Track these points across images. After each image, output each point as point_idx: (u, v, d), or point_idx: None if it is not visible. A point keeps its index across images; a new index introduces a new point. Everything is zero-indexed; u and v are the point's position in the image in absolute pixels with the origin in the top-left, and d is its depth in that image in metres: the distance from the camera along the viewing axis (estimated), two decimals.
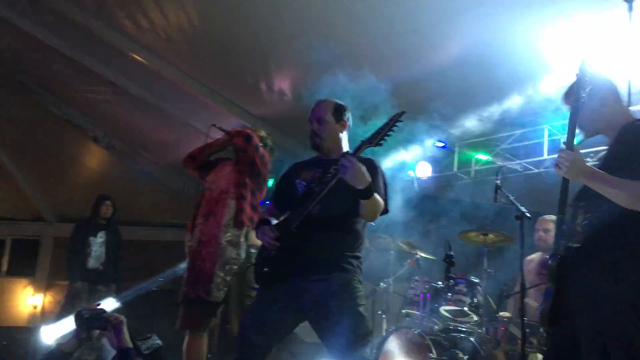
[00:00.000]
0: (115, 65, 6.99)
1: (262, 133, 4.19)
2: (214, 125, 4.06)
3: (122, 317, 2.74)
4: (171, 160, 9.12)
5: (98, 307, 2.84)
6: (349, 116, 3.05)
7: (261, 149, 3.90)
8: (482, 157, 6.49)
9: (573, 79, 2.40)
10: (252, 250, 3.91)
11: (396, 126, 2.63)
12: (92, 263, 6.40)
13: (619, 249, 2.22)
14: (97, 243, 6.50)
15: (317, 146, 3.00)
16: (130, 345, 2.70)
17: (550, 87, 5.17)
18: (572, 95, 2.36)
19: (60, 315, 6.06)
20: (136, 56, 6.55)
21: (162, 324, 4.66)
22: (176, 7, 5.69)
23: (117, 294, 6.22)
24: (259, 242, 3.17)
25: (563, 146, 2.29)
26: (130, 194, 9.34)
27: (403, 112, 2.65)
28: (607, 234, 2.23)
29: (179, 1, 5.63)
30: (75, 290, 6.26)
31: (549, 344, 2.51)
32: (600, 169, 2.29)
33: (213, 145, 4.06)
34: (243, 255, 3.81)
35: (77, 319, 2.77)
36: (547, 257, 2.59)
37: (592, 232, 2.27)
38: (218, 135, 4.07)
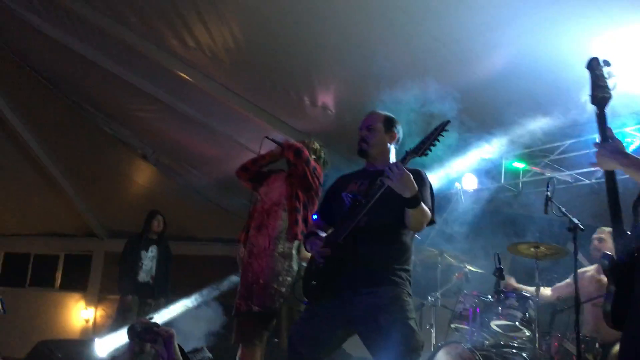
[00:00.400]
0: (162, 83, 7.16)
1: (316, 145, 4.19)
2: (266, 137, 4.11)
3: (173, 331, 2.78)
4: (217, 176, 9.24)
5: (151, 320, 2.88)
6: (399, 129, 3.06)
7: (312, 163, 3.90)
8: (519, 165, 6.37)
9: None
10: (304, 264, 3.92)
11: (442, 135, 2.61)
12: (142, 277, 6.54)
13: None
14: (148, 257, 6.64)
15: (363, 152, 3.01)
16: (180, 358, 2.73)
17: None
18: (594, 92, 2.32)
19: (112, 328, 6.20)
20: (182, 74, 6.70)
21: (216, 337, 4.70)
22: (221, 25, 5.81)
23: (166, 308, 6.33)
24: (309, 256, 3.18)
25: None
26: (178, 210, 9.50)
27: (448, 122, 2.64)
28: None
29: (224, 19, 5.75)
30: (127, 303, 6.40)
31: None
32: None
33: (266, 157, 4.09)
34: (295, 267, 3.80)
35: (129, 333, 2.82)
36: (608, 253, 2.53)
37: None
38: (270, 147, 4.11)
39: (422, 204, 2.67)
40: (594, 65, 2.35)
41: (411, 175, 2.59)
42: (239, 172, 4.15)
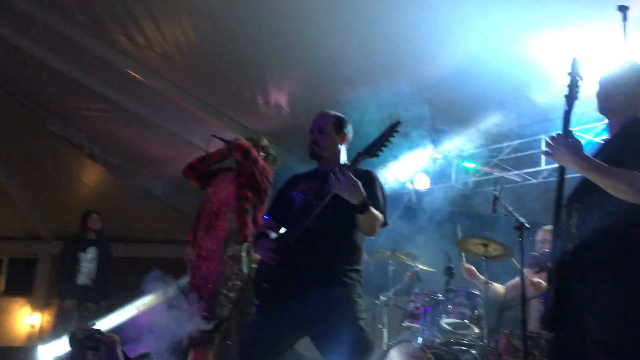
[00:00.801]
0: (111, 81, 6.99)
1: (265, 142, 4.14)
2: (213, 135, 4.04)
3: (116, 337, 2.70)
4: (169, 176, 9.09)
5: (93, 327, 2.80)
6: (349, 129, 3.05)
7: (261, 162, 3.85)
8: (469, 164, 6.51)
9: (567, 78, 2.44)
10: (254, 266, 3.86)
11: (392, 136, 2.62)
12: (81, 279, 6.30)
13: (616, 250, 2.21)
14: (87, 259, 6.41)
15: (316, 155, 2.99)
16: None
17: (546, 97, 5.19)
18: (570, 90, 2.39)
19: (53, 335, 5.99)
20: (132, 72, 6.55)
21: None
22: (172, 23, 5.70)
23: (107, 312, 6.13)
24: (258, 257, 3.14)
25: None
26: (128, 211, 9.30)
27: (399, 122, 2.65)
28: (602, 235, 2.21)
29: (175, 16, 5.64)
30: (65, 308, 6.17)
31: (551, 351, 2.49)
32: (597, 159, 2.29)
33: (213, 156, 4.02)
34: (245, 270, 3.75)
35: (71, 341, 2.73)
36: (534, 254, 2.59)
37: (588, 233, 2.25)
38: (218, 145, 4.04)
39: (372, 208, 2.66)
40: (576, 66, 2.43)
41: (358, 182, 2.57)
42: (186, 171, 4.06)
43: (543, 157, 5.88)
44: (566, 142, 2.21)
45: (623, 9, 4.08)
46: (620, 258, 2.20)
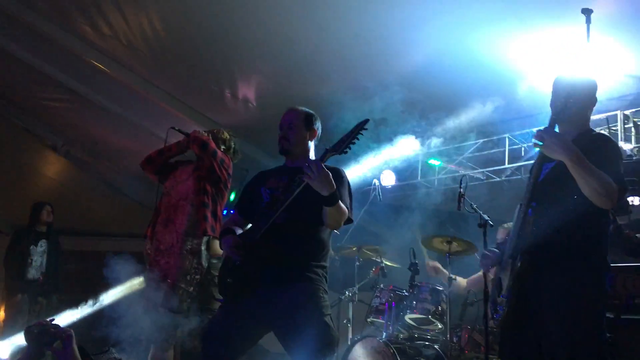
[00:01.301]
0: (74, 72, 6.83)
1: (226, 135, 4.08)
2: (172, 127, 3.97)
3: (71, 332, 2.65)
4: (133, 169, 8.95)
5: (51, 321, 2.74)
6: (318, 125, 3.05)
7: (220, 155, 3.79)
8: (435, 162, 6.59)
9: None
10: (214, 260, 3.83)
11: (361, 134, 2.64)
12: (32, 273, 6.13)
13: (572, 249, 2.28)
14: (38, 252, 6.24)
15: (285, 150, 2.98)
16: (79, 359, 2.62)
17: (511, 96, 5.28)
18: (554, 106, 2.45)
19: (6, 330, 5.82)
20: (96, 63, 6.42)
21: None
22: (138, 13, 5.60)
23: (58, 306, 5.99)
24: (220, 252, 3.10)
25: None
26: (91, 204, 9.12)
27: (367, 120, 2.67)
28: (559, 234, 2.29)
29: (141, 6, 5.54)
30: (16, 303, 5.99)
31: (506, 349, 2.53)
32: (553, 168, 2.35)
33: (172, 148, 3.94)
34: (205, 264, 3.70)
35: (26, 336, 2.67)
36: (485, 252, 2.64)
37: (545, 233, 2.31)
38: (178, 138, 3.97)
39: (340, 202, 2.68)
40: (556, 83, 2.53)
41: (330, 173, 2.59)
42: (143, 164, 3.98)
43: (507, 156, 5.99)
44: (558, 134, 2.26)
45: (587, 11, 4.17)
46: (576, 257, 2.27)
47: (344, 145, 2.64)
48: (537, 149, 2.39)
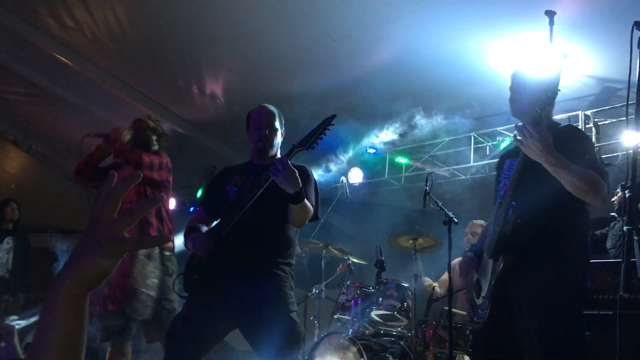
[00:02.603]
0: (37, 65, 6.69)
1: (151, 124, 3.94)
2: (85, 135, 3.82)
3: (13, 327, 2.62)
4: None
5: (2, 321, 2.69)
6: (284, 123, 3.04)
7: (145, 160, 3.63)
8: (402, 160, 6.65)
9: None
10: (167, 253, 3.75)
11: (328, 129, 2.65)
12: None
13: (549, 243, 2.32)
14: (4, 249, 6.11)
15: (266, 152, 2.94)
16: (21, 356, 2.59)
17: (478, 96, 5.35)
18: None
19: None
20: (59, 56, 6.29)
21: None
22: (103, 6, 5.50)
23: (25, 304, 5.85)
24: (171, 245, 3.05)
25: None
26: (54, 200, 8.93)
27: (334, 116, 2.67)
28: (536, 230, 2.31)
29: (107, 0, 5.45)
30: None
31: (480, 345, 2.56)
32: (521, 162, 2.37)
33: (95, 155, 3.80)
34: (160, 265, 3.66)
35: None
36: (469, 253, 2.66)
37: (525, 232, 2.34)
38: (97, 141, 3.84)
39: (306, 200, 2.68)
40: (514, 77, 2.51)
41: (296, 171, 2.59)
42: (75, 177, 3.84)
43: (472, 154, 6.08)
44: (540, 136, 2.22)
45: (550, 13, 4.25)
46: (553, 251, 2.31)
47: (311, 141, 2.65)
48: (506, 146, 2.41)
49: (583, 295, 2.33)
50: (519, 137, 2.28)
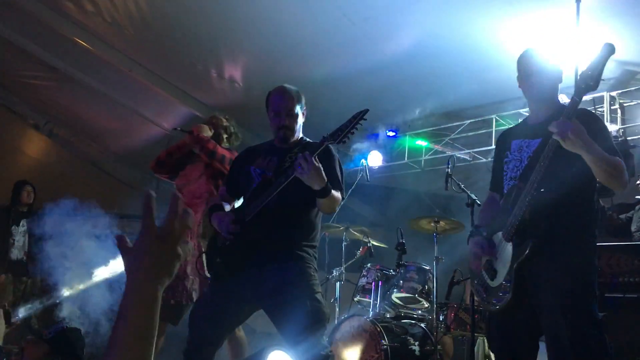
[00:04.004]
0: (58, 50, 6.72)
1: (224, 122, 4.02)
2: (175, 128, 3.93)
3: None
4: (117, 149, 8.86)
5: None
6: (305, 103, 3.00)
7: (219, 152, 3.73)
8: (422, 142, 6.61)
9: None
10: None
11: (360, 124, 2.62)
12: (15, 254, 6.08)
13: (569, 228, 2.34)
14: (20, 232, 6.20)
15: (287, 139, 2.91)
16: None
17: (499, 79, 5.28)
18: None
19: None
20: (80, 41, 6.31)
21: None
22: None
23: (43, 286, 5.95)
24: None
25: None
26: (74, 184, 9.01)
27: (367, 110, 2.63)
28: (554, 215, 2.32)
29: None
30: (0, 283, 5.97)
31: (498, 329, 2.55)
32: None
33: (179, 149, 3.90)
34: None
35: None
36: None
37: (544, 214, 2.33)
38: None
39: (333, 191, 2.66)
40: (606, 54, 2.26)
41: (321, 168, 2.56)
42: (155, 168, 3.96)
43: (494, 137, 6.02)
44: (580, 129, 2.20)
45: None
46: (576, 236, 2.32)
47: (342, 135, 2.62)
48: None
49: (595, 274, 2.41)
50: (555, 130, 2.23)
